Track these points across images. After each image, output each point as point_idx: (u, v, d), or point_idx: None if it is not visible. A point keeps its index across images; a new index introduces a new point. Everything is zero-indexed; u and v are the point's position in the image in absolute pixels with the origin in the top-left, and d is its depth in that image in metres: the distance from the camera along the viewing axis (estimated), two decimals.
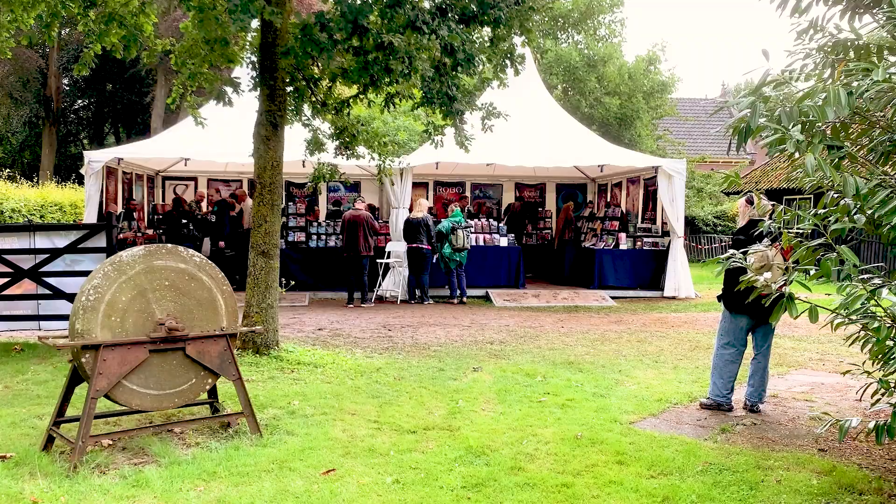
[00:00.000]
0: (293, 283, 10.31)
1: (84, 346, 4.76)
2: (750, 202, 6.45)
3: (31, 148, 40.52)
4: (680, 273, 14.46)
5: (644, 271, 15.03)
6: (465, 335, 10.04)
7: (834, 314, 4.30)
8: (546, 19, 22.69)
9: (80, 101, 40.77)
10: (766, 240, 6.11)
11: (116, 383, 4.87)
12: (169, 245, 5.30)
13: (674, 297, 14.38)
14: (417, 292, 13.49)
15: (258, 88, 8.19)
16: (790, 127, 3.85)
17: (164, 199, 18.01)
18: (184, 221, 13.51)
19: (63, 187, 21.52)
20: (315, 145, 9.90)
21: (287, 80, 8.56)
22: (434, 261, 13.46)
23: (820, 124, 3.98)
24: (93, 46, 9.35)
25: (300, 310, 12.38)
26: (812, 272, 4.28)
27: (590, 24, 23.52)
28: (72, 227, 8.85)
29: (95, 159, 12.93)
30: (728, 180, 4.93)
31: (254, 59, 8.79)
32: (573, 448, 5.25)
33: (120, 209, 14.82)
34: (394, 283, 13.86)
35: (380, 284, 13.78)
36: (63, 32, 35.07)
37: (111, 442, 5.19)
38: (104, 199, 14.25)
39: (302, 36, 7.14)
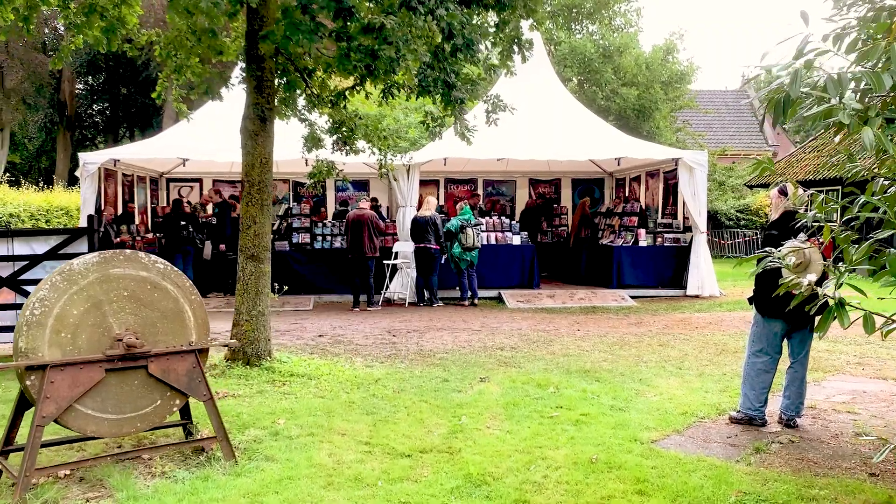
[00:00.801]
0: (286, 287, 9.75)
1: (28, 366, 4.20)
2: (783, 192, 5.77)
3: (47, 153, 40.44)
4: (703, 270, 13.74)
5: (665, 269, 14.33)
6: (473, 340, 9.43)
7: (891, 321, 3.64)
8: (558, 8, 22.01)
9: (96, 106, 40.61)
10: (801, 234, 5.46)
11: (67, 407, 4.31)
12: (128, 251, 4.73)
13: (697, 296, 13.66)
14: (426, 294, 12.89)
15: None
16: (838, 96, 3.19)
17: (168, 202, 17.55)
18: (182, 223, 12.99)
19: (71, 191, 21.16)
20: (312, 141, 9.33)
21: (278, 71, 8.00)
22: (443, 261, 12.85)
23: (875, 94, 3.32)
24: (74, 40, 8.85)
25: (303, 314, 11.82)
26: (862, 271, 3.62)
27: (604, 14, 22.79)
28: (52, 232, 8.35)
29: (90, 161, 12.46)
30: (759, 167, 4.26)
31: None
32: (587, 474, 4.62)
33: (116, 213, 14.36)
34: (401, 285, 13.27)
35: (387, 287, 13.20)
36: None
37: (69, 472, 4.63)
38: (103, 203, 13.78)
39: (283, 19, 6.55)
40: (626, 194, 17.11)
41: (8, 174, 34.05)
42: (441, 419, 5.93)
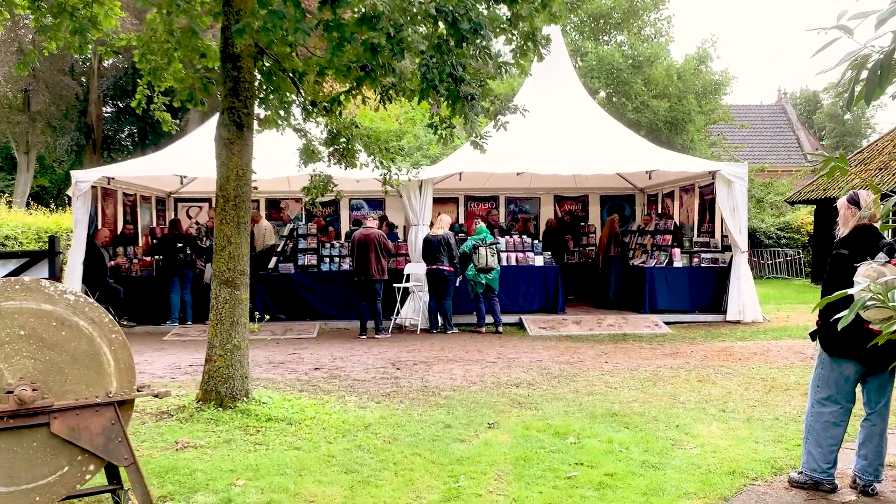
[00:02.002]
0: (267, 317, 8.78)
1: None
2: (854, 202, 4.66)
3: None
4: (745, 293, 12.53)
5: (702, 292, 13.14)
6: (486, 375, 8.37)
7: None
8: (585, 18, 21.03)
9: (125, 128, 40.39)
10: (880, 255, 4.35)
11: None
12: (27, 279, 3.80)
13: (738, 322, 12.44)
14: (440, 320, 11.86)
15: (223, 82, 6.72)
16: None
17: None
18: (179, 245, 12.15)
19: None
20: (307, 155, 8.42)
21: (262, 72, 7.12)
22: (458, 284, 11.82)
23: None
24: (47, 45, 8.08)
25: (305, 343, 10.85)
26: None
27: (633, 23, 21.73)
28: (11, 255, 7.50)
29: (82, 179, 11.69)
30: (827, 164, 3.11)
31: None
32: None
33: (116, 233, 13.59)
34: (413, 310, 12.26)
35: (398, 312, 12.19)
36: (106, 63, 34.79)
37: None
38: (100, 223, 13.03)
39: (260, 8, 5.65)
40: (659, 211, 15.96)
41: (32, 197, 33.87)
42: (435, 480, 4.89)
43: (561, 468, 5.09)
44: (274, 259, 12.88)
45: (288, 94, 7.86)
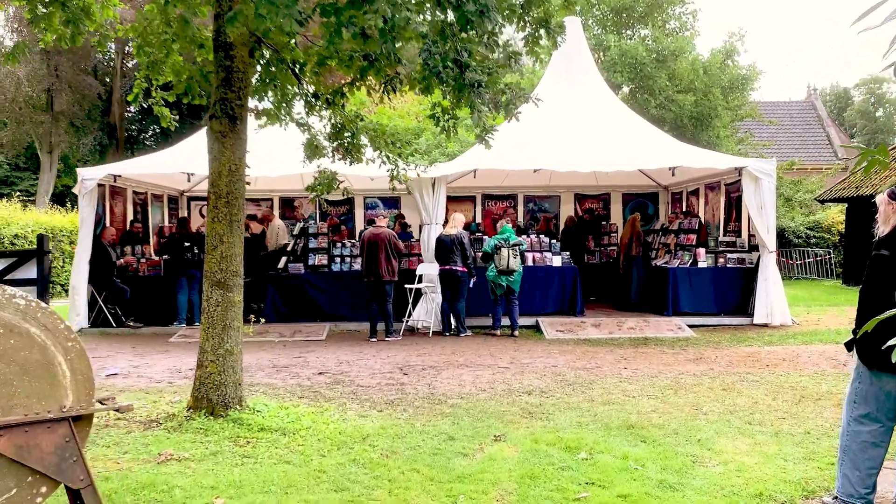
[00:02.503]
0: (262, 320, 8.39)
1: None
2: (895, 197, 4.18)
3: None
4: (773, 295, 11.96)
5: (728, 293, 12.59)
6: (497, 381, 7.94)
7: None
8: (607, 12, 20.46)
9: (150, 128, 40.44)
10: None
11: None
12: None
13: (766, 325, 11.89)
14: (453, 322, 11.45)
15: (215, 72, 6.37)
16: None
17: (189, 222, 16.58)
18: (187, 245, 11.87)
19: None
20: (311, 149, 8.06)
21: (260, 62, 6.78)
22: (471, 285, 11.39)
23: None
24: (43, 36, 7.80)
25: (312, 346, 10.50)
26: None
27: (657, 17, 21.12)
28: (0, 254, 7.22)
29: (88, 177, 11.46)
30: (865, 157, 2.65)
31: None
32: None
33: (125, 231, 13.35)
34: (426, 311, 11.86)
35: (409, 314, 11.79)
36: (130, 63, 34.86)
37: None
38: (108, 222, 12.80)
39: None
40: (684, 210, 15.43)
41: (56, 197, 33.98)
42: (432, 500, 4.49)
43: (570, 488, 4.66)
44: (284, 259, 12.56)
45: (289, 86, 7.53)
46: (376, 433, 5.92)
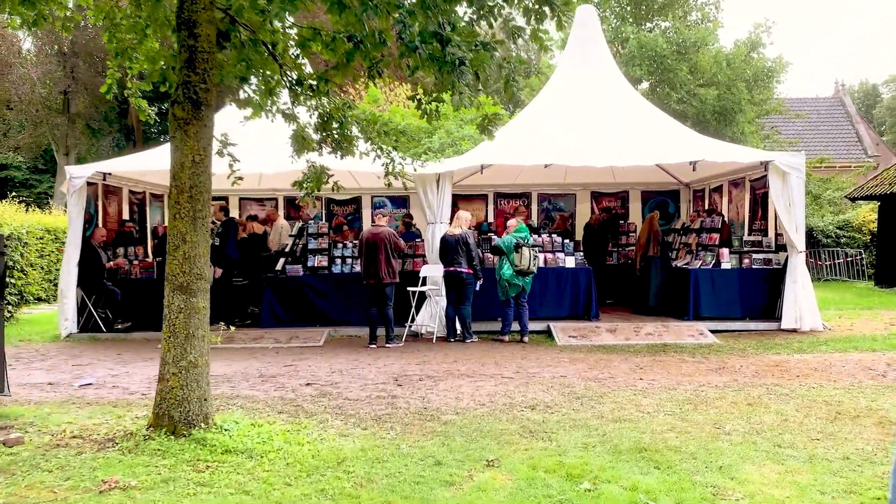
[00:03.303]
0: (232, 328, 7.73)
1: None
2: None
3: None
4: (801, 298, 11.15)
5: (753, 296, 11.78)
6: (498, 394, 7.25)
7: None
8: (625, 3, 19.65)
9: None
10: None
11: None
12: None
13: (794, 331, 11.07)
14: (459, 327, 10.77)
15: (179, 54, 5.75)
16: None
17: None
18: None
19: None
20: (298, 142, 7.44)
21: (235, 44, 6.18)
22: (477, 288, 10.71)
23: None
24: (9, 22, 7.27)
25: (307, 353, 9.88)
26: None
27: (678, 8, 20.26)
28: None
29: (77, 175, 10.93)
30: None
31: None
32: None
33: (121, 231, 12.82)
34: (430, 316, 11.18)
35: (412, 318, 11.13)
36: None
37: None
38: (100, 222, 12.29)
39: None
40: (706, 208, 14.62)
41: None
42: None
43: None
44: (282, 260, 11.96)
45: (271, 73, 6.92)
46: (354, 456, 5.26)
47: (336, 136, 7.42)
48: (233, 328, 7.50)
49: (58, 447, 5.45)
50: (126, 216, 13.24)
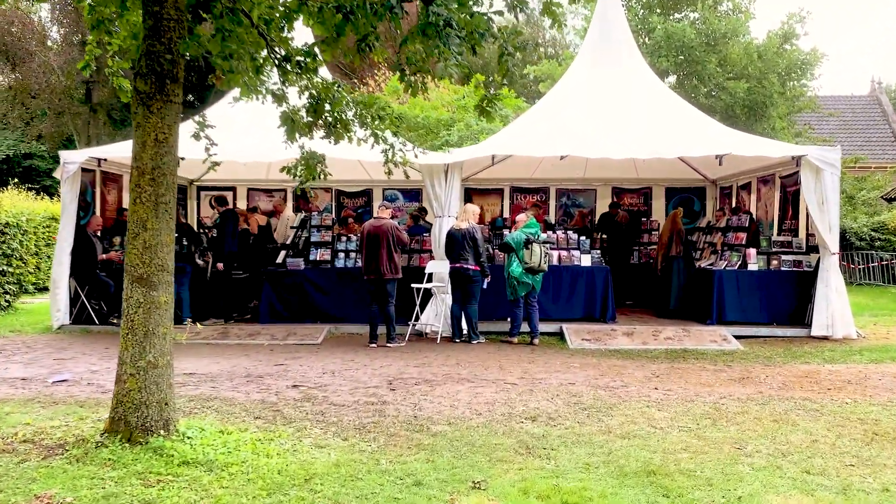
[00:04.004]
0: (199, 326, 7.12)
1: None
2: None
3: None
4: (834, 303, 10.39)
5: (782, 300, 11.05)
6: (498, 402, 6.64)
7: None
8: None
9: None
10: None
11: None
12: None
13: (825, 338, 10.33)
14: (465, 327, 10.17)
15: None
16: None
17: (199, 213, 15.64)
18: (175, 237, 10.82)
19: None
20: (287, 123, 6.87)
21: (216, 13, 5.63)
22: (485, 286, 10.11)
23: None
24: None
25: (303, 351, 9.34)
26: None
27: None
28: None
29: (70, 160, 10.50)
30: None
31: None
32: None
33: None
34: (435, 314, 10.59)
35: (417, 316, 10.55)
36: None
37: None
38: (98, 210, 11.86)
39: None
40: (733, 206, 13.87)
41: None
42: None
43: None
44: (282, 253, 11.44)
45: (255, 49, 6.37)
46: (326, 472, 4.69)
47: (329, 119, 6.86)
48: (199, 326, 6.94)
49: (3, 453, 4.94)
50: (126, 205, 12.80)
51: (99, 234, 11.14)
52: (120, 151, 11.22)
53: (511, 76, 5.20)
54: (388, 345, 9.71)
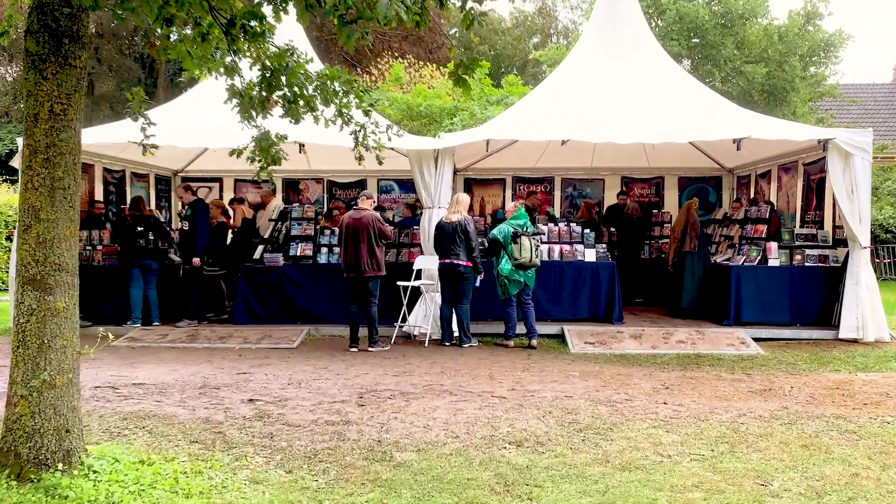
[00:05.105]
0: (111, 336, 6.14)
1: None
2: None
3: None
4: (865, 302, 9.39)
5: (807, 299, 10.05)
6: (479, 421, 5.71)
7: None
8: None
9: None
10: None
11: None
12: None
13: (855, 341, 9.33)
14: (456, 329, 9.26)
15: None
16: None
17: (182, 205, 14.78)
18: (140, 230, 9.97)
19: None
20: (237, 99, 5.99)
21: None
22: (477, 284, 9.19)
23: None
24: None
25: (274, 357, 8.45)
26: None
27: None
28: None
29: None
30: None
31: None
32: None
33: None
34: (424, 314, 9.67)
35: (404, 317, 9.64)
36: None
37: None
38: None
39: None
40: (751, 196, 12.85)
41: None
42: None
43: None
44: (260, 248, 10.55)
45: (200, 14, 5.47)
46: None
47: (288, 94, 5.96)
48: (111, 336, 6.04)
49: None
50: (100, 196, 11.96)
51: None
52: (85, 137, 10.33)
53: (474, 29, 4.24)
54: (370, 349, 8.81)
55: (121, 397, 6.42)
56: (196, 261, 10.03)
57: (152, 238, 10.05)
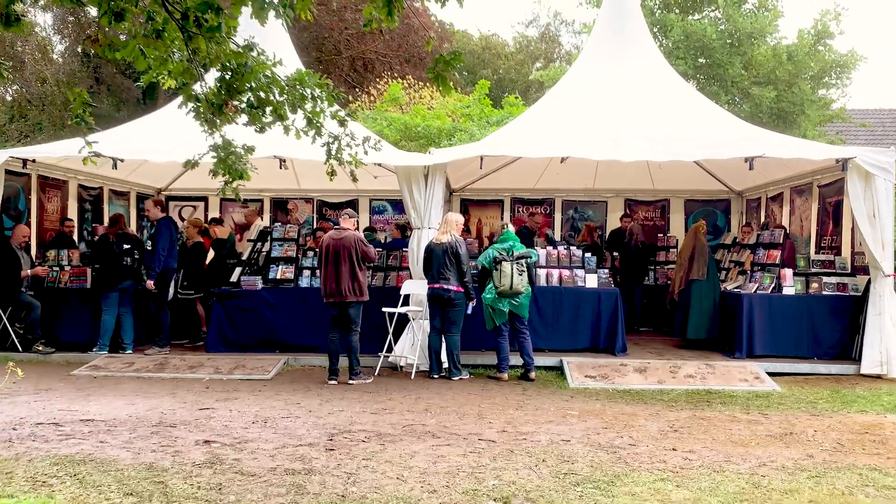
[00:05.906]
0: (19, 371, 5.41)
1: None
2: None
3: None
4: (889, 335, 8.69)
5: (824, 330, 9.34)
6: (462, 471, 4.99)
7: None
8: None
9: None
10: None
11: None
12: None
13: (879, 377, 8.62)
14: (445, 360, 8.54)
15: None
16: None
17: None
18: (126, 247, 9.31)
19: None
20: (190, 102, 5.36)
21: None
22: (469, 311, 8.50)
23: None
24: None
25: (244, 389, 7.75)
26: None
27: None
28: None
29: None
30: None
31: None
32: None
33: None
34: (412, 344, 8.95)
35: (390, 346, 8.93)
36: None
37: None
38: (34, 220, 10.40)
39: None
40: (762, 220, 12.18)
41: None
42: None
43: None
44: (237, 271, 9.87)
45: (153, 8, 4.85)
46: None
47: (252, 99, 5.33)
48: (20, 371, 5.31)
49: None
50: (73, 214, 11.32)
51: (24, 246, 9.63)
52: (54, 151, 9.74)
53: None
54: (351, 381, 8.10)
55: (61, 436, 5.71)
56: (150, 284, 9.32)
57: (137, 258, 9.40)
